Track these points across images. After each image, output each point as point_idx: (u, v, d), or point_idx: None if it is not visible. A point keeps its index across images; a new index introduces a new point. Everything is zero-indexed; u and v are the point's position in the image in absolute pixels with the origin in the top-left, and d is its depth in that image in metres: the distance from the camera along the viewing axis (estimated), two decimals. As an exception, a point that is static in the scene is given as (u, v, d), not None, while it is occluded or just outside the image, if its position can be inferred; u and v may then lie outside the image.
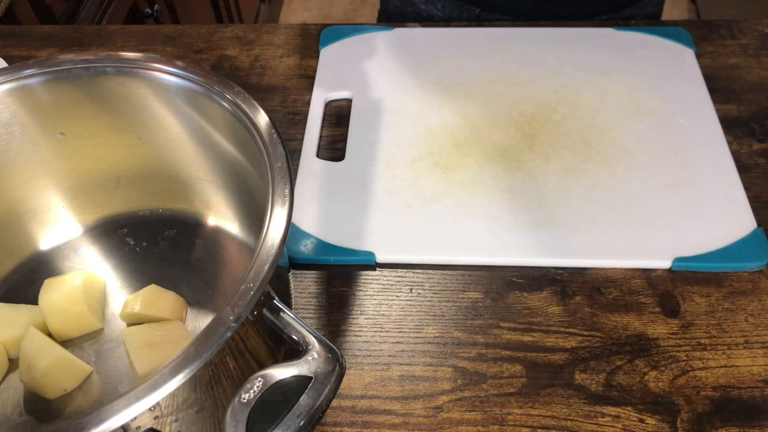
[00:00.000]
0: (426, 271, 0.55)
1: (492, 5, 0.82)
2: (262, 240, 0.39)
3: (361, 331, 0.52)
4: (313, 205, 0.59)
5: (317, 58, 0.74)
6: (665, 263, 0.54)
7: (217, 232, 0.58)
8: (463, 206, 0.58)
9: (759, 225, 0.56)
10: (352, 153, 0.63)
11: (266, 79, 0.72)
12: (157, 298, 0.52)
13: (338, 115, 0.68)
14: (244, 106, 0.47)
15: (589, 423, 0.47)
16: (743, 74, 0.70)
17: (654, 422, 0.46)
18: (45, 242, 0.58)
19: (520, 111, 0.66)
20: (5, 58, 0.73)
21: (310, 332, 0.38)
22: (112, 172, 0.57)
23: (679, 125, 0.64)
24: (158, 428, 0.36)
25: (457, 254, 0.55)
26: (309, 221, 0.58)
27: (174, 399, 0.36)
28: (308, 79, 0.72)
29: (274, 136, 0.45)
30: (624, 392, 0.48)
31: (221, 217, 0.58)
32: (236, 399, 0.35)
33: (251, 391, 0.35)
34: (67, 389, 0.49)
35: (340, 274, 0.55)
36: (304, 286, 0.55)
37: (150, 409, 0.33)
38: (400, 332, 0.52)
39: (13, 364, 0.51)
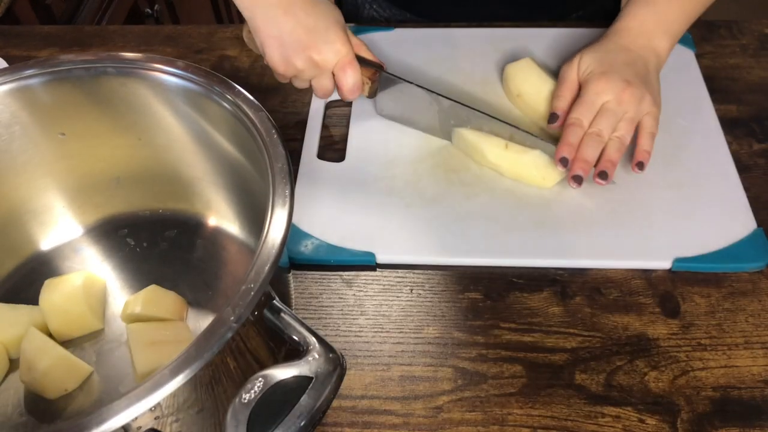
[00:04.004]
0: (426, 271, 0.55)
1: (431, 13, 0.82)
2: (262, 240, 0.39)
3: (362, 331, 0.52)
4: (314, 206, 0.59)
5: (317, 58, 0.74)
6: (665, 264, 0.54)
7: (218, 233, 0.58)
8: (463, 207, 0.58)
9: (759, 225, 0.56)
10: (352, 153, 0.63)
11: (266, 79, 0.72)
12: (158, 299, 0.52)
13: (338, 116, 0.68)
14: (244, 107, 0.47)
15: (590, 423, 0.47)
16: (743, 74, 0.70)
17: (654, 422, 0.46)
18: (45, 242, 0.58)
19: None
20: (5, 58, 0.73)
21: (310, 332, 0.38)
22: (113, 173, 0.57)
23: (679, 125, 0.64)
24: (159, 428, 0.36)
25: (458, 255, 0.55)
26: (309, 222, 0.58)
27: (175, 399, 0.36)
28: (308, 79, 0.72)
29: (275, 136, 0.45)
30: (624, 392, 0.48)
31: (221, 217, 0.58)
32: (237, 399, 0.35)
33: (252, 391, 0.35)
34: (68, 389, 0.49)
35: (340, 275, 0.56)
36: (304, 286, 0.55)
37: (151, 409, 0.33)
38: (400, 333, 0.52)
39: (13, 364, 0.51)
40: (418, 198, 0.59)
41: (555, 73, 0.68)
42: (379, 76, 0.61)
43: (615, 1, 0.85)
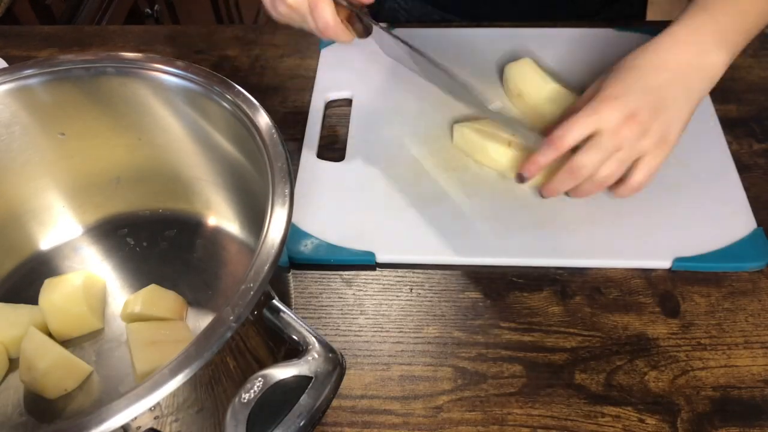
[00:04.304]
0: (426, 271, 0.55)
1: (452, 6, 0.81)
2: (262, 240, 0.39)
3: (362, 331, 0.52)
4: (314, 205, 0.59)
5: (317, 58, 0.74)
6: (665, 263, 0.54)
7: (218, 232, 0.58)
8: (463, 206, 0.58)
9: (759, 225, 0.56)
10: (352, 153, 0.63)
11: (266, 79, 0.72)
12: (158, 298, 0.52)
13: (338, 115, 0.69)
14: (244, 107, 0.47)
15: (589, 423, 0.47)
16: (743, 74, 0.70)
17: (654, 422, 0.46)
18: (45, 242, 0.58)
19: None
20: (5, 58, 0.73)
21: (310, 332, 0.38)
22: (113, 172, 0.57)
23: (679, 125, 0.64)
24: (158, 428, 0.36)
25: (457, 254, 0.55)
26: (309, 221, 0.58)
27: (174, 399, 0.36)
28: (308, 79, 0.72)
29: (274, 136, 0.45)
30: (624, 392, 0.48)
31: (221, 217, 0.58)
32: (236, 399, 0.35)
33: (251, 391, 0.35)
34: (68, 389, 0.49)
35: (340, 274, 0.56)
36: (304, 286, 0.55)
37: (150, 409, 0.33)
38: (400, 332, 0.52)
39: (13, 364, 0.51)
40: (418, 198, 0.59)
41: (555, 73, 0.68)
42: (358, 17, 0.57)
43: (641, 2, 0.85)
